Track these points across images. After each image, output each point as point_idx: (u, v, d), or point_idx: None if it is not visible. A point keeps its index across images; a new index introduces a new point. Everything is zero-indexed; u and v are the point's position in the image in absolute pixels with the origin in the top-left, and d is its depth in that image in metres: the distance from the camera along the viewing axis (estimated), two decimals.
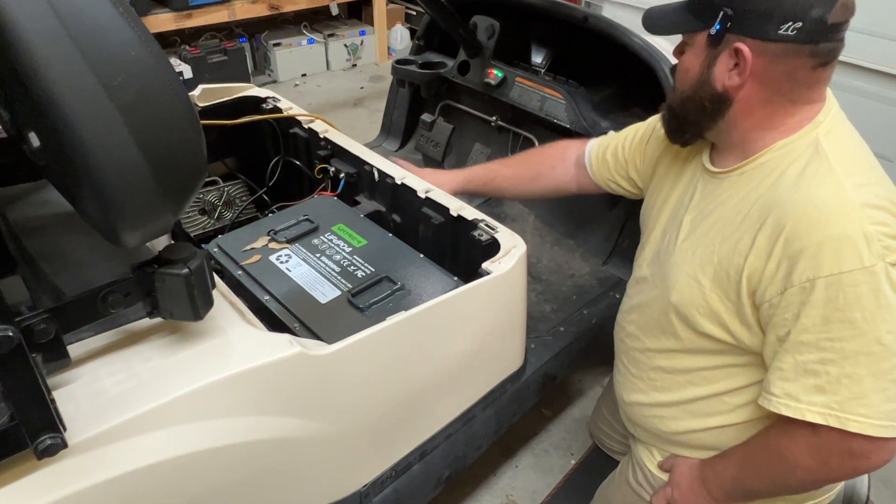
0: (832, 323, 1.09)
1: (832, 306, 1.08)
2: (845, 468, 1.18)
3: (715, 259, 1.25)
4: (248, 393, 1.13)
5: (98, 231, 1.01)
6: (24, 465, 0.91)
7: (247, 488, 1.20)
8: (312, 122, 2.10)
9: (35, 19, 0.79)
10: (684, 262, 1.34)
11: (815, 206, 1.10)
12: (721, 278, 1.24)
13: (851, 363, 1.09)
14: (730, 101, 1.21)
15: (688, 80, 1.25)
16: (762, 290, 1.17)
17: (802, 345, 1.13)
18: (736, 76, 1.18)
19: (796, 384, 1.15)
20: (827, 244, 1.08)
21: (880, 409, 1.09)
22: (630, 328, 1.56)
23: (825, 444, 1.16)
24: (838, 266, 1.07)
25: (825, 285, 1.08)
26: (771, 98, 1.19)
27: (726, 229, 1.25)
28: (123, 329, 1.13)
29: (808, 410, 1.14)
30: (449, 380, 1.55)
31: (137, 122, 0.87)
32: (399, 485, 1.55)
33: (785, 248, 1.12)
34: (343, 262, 1.67)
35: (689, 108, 1.27)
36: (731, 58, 1.17)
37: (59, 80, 0.80)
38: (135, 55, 0.86)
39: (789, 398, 1.16)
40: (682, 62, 1.27)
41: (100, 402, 1.00)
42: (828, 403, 1.12)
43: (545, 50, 2.53)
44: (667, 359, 1.44)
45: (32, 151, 1.01)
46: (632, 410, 1.58)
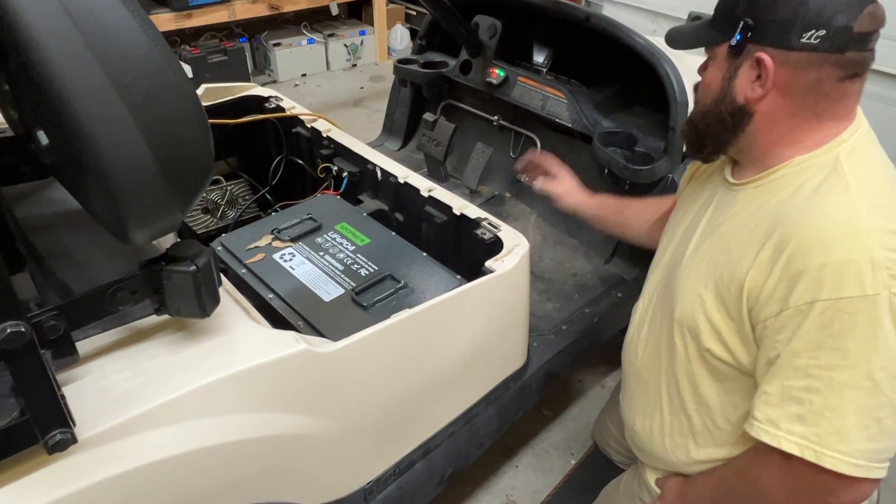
0: (824, 350, 1.05)
1: (826, 332, 1.04)
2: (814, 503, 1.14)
3: (717, 273, 1.22)
4: (255, 390, 1.14)
5: (106, 228, 1.02)
6: (34, 461, 0.91)
7: (252, 485, 1.21)
8: (315, 122, 2.11)
9: (47, 18, 0.79)
10: (689, 275, 1.30)
11: (823, 226, 1.06)
12: (723, 294, 1.20)
13: (837, 396, 1.05)
14: (751, 115, 1.18)
15: (709, 94, 1.23)
16: (759, 308, 1.13)
17: (791, 369, 1.09)
18: (758, 87, 1.14)
19: (779, 410, 1.11)
20: (829, 267, 1.03)
21: (859, 447, 1.05)
22: (638, 347, 1.52)
23: (797, 476, 1.12)
24: (838, 291, 1.02)
25: (822, 309, 1.04)
26: (795, 111, 1.15)
27: (732, 243, 1.21)
28: (130, 326, 1.14)
29: (785, 439, 1.10)
30: (452, 378, 1.56)
31: (147, 120, 0.88)
32: (402, 482, 1.56)
33: (786, 267, 1.08)
34: (346, 260, 1.67)
35: (710, 121, 1.24)
36: (753, 69, 1.14)
37: (71, 79, 0.81)
38: (145, 54, 0.87)
39: (770, 424, 1.12)
40: (705, 77, 1.25)
41: (108, 399, 1.01)
42: (807, 435, 1.08)
43: (547, 49, 2.54)
44: (672, 382, 1.40)
45: (41, 150, 1.02)
46: (637, 437, 1.55)
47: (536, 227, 2.47)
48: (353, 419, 1.35)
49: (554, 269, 2.30)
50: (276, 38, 5.24)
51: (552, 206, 2.49)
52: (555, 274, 2.28)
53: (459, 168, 2.75)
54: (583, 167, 2.36)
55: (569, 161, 2.38)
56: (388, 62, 5.73)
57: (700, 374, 1.31)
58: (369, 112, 4.85)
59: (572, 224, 2.45)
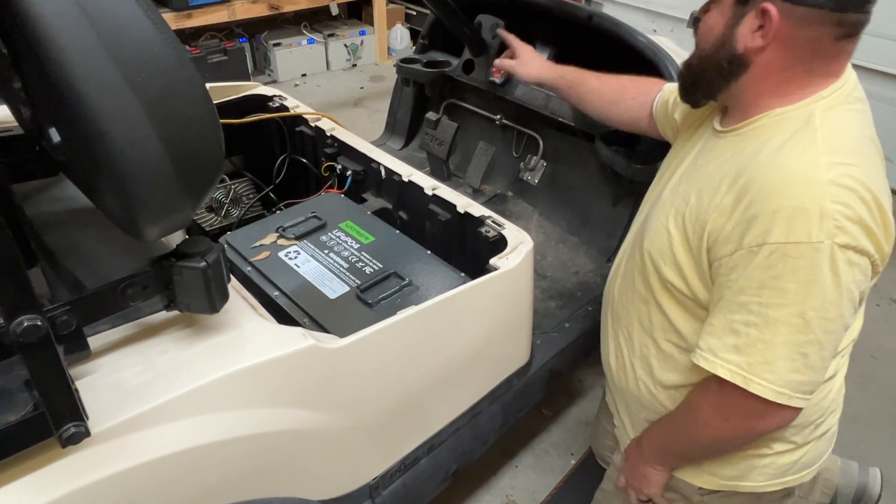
0: (765, 289, 1.11)
1: (770, 273, 1.10)
2: (742, 427, 1.23)
3: (686, 211, 1.26)
4: (263, 385, 1.15)
5: (118, 225, 1.03)
6: (48, 454, 0.92)
7: (260, 479, 1.22)
8: (319, 120, 2.12)
9: (64, 17, 0.80)
10: (662, 211, 1.35)
11: (783, 175, 1.10)
12: (687, 231, 1.25)
13: (771, 330, 1.12)
14: (747, 64, 1.19)
15: (710, 38, 1.23)
16: (717, 248, 1.18)
17: (735, 304, 1.15)
18: (759, 38, 1.15)
19: (719, 341, 1.18)
20: (782, 213, 1.08)
21: (784, 377, 1.13)
22: (615, 283, 1.56)
23: (729, 401, 1.20)
24: (785, 236, 1.07)
25: (769, 252, 1.09)
26: (789, 65, 1.17)
27: (704, 185, 1.25)
28: (140, 322, 1.15)
29: (720, 366, 1.17)
30: (457, 374, 1.57)
31: (160, 117, 0.89)
32: (407, 478, 1.57)
33: (745, 210, 1.12)
34: (351, 258, 1.68)
35: (707, 66, 1.25)
36: (757, 18, 1.14)
37: (87, 76, 0.82)
38: (158, 52, 0.88)
39: (710, 352, 1.19)
40: (707, 21, 1.25)
41: (119, 393, 1.02)
42: (739, 363, 1.15)
43: (549, 48, 2.53)
44: (642, 309, 1.44)
45: (53, 147, 1.03)
46: (612, 376, 1.59)
47: (539, 226, 2.48)
48: (360, 415, 1.36)
49: (556, 268, 2.31)
50: (276, 38, 5.24)
51: (555, 205, 2.51)
52: (557, 272, 2.29)
53: (462, 167, 2.76)
54: (586, 165, 2.38)
55: (572, 159, 2.41)
56: (388, 62, 5.73)
57: (664, 301, 1.36)
58: (369, 112, 4.86)
59: (574, 223, 2.46)
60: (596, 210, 2.41)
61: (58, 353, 0.84)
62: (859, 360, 2.79)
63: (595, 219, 2.41)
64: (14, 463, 0.90)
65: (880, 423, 2.51)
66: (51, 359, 0.83)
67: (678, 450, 1.40)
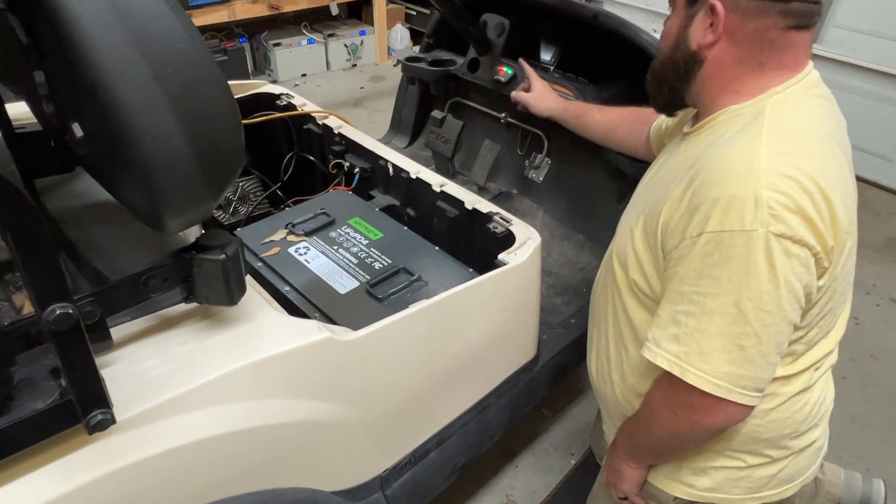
0: (703, 278, 1.12)
1: (707, 262, 1.11)
2: (689, 422, 1.22)
3: (648, 210, 1.28)
4: (279, 376, 1.17)
5: (140, 217, 1.05)
6: (75, 440, 0.94)
7: (275, 470, 1.23)
8: (326, 118, 2.14)
9: (94, 14, 0.82)
10: (628, 214, 1.39)
11: (724, 165, 1.11)
12: (647, 228, 1.27)
13: (707, 320, 1.12)
14: (702, 62, 1.22)
15: (667, 41, 1.27)
16: (666, 240, 1.20)
17: (677, 294, 1.16)
18: (710, 34, 1.18)
19: (663, 331, 1.19)
20: (719, 202, 1.08)
21: (720, 369, 1.12)
22: (596, 289, 1.57)
23: (672, 393, 1.21)
24: (721, 224, 1.08)
25: (706, 241, 1.10)
26: (741, 59, 1.19)
27: (661, 184, 1.28)
28: (159, 314, 1.16)
29: (661, 356, 1.18)
30: (466, 368, 1.59)
31: (185, 112, 0.90)
32: (417, 471, 1.59)
33: (689, 201, 1.14)
34: (360, 254, 1.70)
35: (668, 69, 1.28)
36: (707, 16, 1.18)
37: (116, 71, 0.84)
38: (184, 47, 0.90)
39: (654, 343, 1.20)
40: (665, 26, 1.29)
41: (141, 383, 1.04)
42: (677, 353, 1.16)
43: (554, 47, 2.56)
44: (613, 314, 1.45)
45: (75, 141, 1.05)
46: (594, 383, 1.59)
47: (544, 223, 2.50)
48: (372, 407, 1.38)
49: (562, 264, 2.33)
50: (276, 38, 5.26)
51: (560, 203, 2.52)
52: (563, 269, 2.31)
53: (467, 165, 2.78)
54: (590, 164, 2.39)
55: (576, 158, 2.42)
56: (388, 62, 5.75)
57: (630, 306, 1.37)
58: (369, 112, 4.88)
59: (579, 220, 2.48)
60: (600, 208, 2.42)
61: (87, 342, 0.86)
62: (859, 360, 2.81)
63: (600, 216, 2.43)
64: (42, 449, 0.92)
65: (880, 423, 2.53)
66: (81, 347, 0.85)
67: (642, 444, 1.40)
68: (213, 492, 1.13)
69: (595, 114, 2.02)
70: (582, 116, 2.05)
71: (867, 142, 3.85)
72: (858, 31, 3.71)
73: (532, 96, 2.20)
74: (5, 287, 1.11)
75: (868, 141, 3.85)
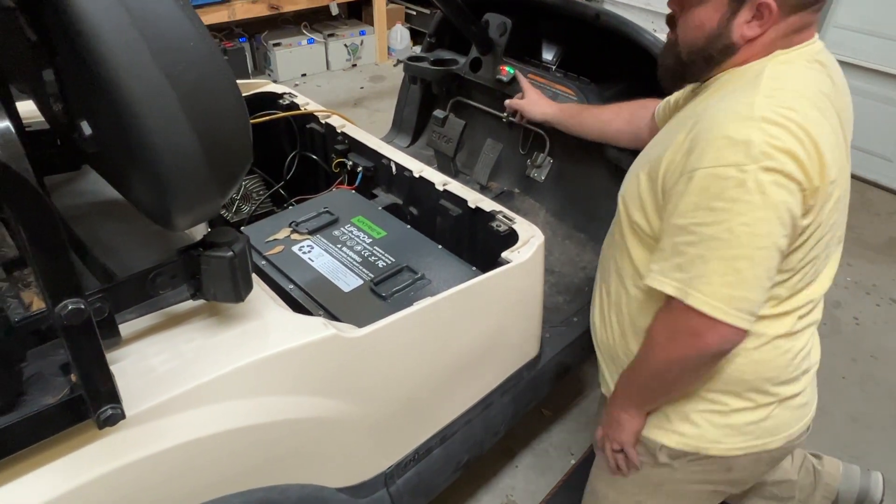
0: (700, 210, 1.18)
1: (704, 195, 1.17)
2: (686, 346, 1.26)
3: (653, 157, 1.34)
4: (286, 373, 1.17)
5: (148, 215, 1.06)
6: (85, 435, 0.95)
7: (282, 466, 1.24)
8: (329, 118, 2.15)
9: (106, 11, 0.83)
10: (637, 162, 1.44)
11: (724, 111, 1.19)
12: (652, 175, 1.32)
13: (705, 246, 1.18)
14: (738, 49, 1.28)
15: (702, 33, 1.30)
16: (667, 180, 1.27)
17: (677, 227, 1.22)
18: (757, 27, 1.24)
19: (667, 262, 1.25)
20: (716, 141, 1.16)
21: (719, 292, 1.18)
22: (605, 241, 1.62)
23: (674, 318, 1.26)
24: (716, 160, 1.15)
25: (703, 176, 1.17)
26: (774, 42, 1.26)
27: (669, 133, 1.35)
28: (165, 312, 1.17)
29: (667, 284, 1.24)
30: (470, 366, 1.60)
31: (194, 109, 0.91)
32: (421, 468, 1.60)
33: (690, 143, 1.21)
34: (364, 252, 1.71)
35: (698, 58, 1.33)
36: (751, 9, 1.23)
37: (126, 69, 0.85)
38: (194, 46, 0.90)
39: (659, 273, 1.26)
40: (695, 16, 1.30)
41: (149, 379, 1.04)
42: (681, 279, 1.21)
43: (556, 47, 2.57)
44: (615, 258, 1.51)
45: (84, 139, 1.05)
46: (596, 333, 1.62)
47: (546, 223, 2.51)
48: (377, 404, 1.38)
49: (564, 263, 2.34)
50: (276, 38, 5.26)
51: (562, 202, 2.53)
52: (565, 267, 2.32)
53: (469, 164, 2.78)
54: (592, 163, 2.40)
55: (578, 157, 2.43)
56: (388, 62, 5.76)
57: (631, 243, 1.43)
58: (369, 112, 4.88)
59: (581, 219, 2.48)
60: (602, 206, 2.42)
61: (98, 337, 0.86)
62: (859, 360, 2.82)
63: (602, 215, 2.43)
64: (53, 444, 0.93)
65: (880, 423, 2.54)
66: (92, 342, 0.86)
67: (640, 383, 1.43)
68: (220, 487, 1.14)
69: (592, 108, 2.09)
70: (577, 115, 2.11)
71: (867, 142, 3.86)
72: (858, 31, 3.71)
73: (525, 103, 2.27)
74: (13, 284, 1.11)
75: (868, 141, 3.86)
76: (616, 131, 2.00)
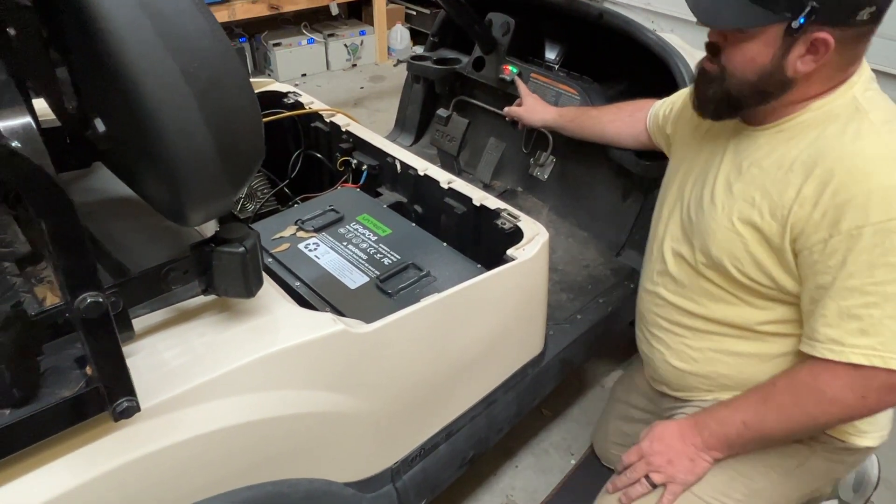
0: (877, 268, 1.15)
1: (878, 252, 1.14)
2: (884, 401, 1.25)
3: (756, 212, 1.30)
4: (296, 368, 1.18)
5: (161, 210, 1.07)
6: (100, 427, 0.96)
7: (291, 460, 1.26)
8: (334, 116, 2.16)
9: (123, 9, 0.84)
10: (723, 215, 1.38)
11: (863, 158, 1.16)
12: (764, 229, 1.29)
13: (893, 305, 1.16)
14: (793, 83, 1.25)
15: (754, 68, 1.26)
16: (805, 237, 1.23)
17: (847, 290, 1.18)
18: (812, 62, 1.21)
19: (839, 329, 1.21)
20: (875, 193, 1.13)
21: None
22: (661, 291, 1.61)
23: (867, 381, 1.22)
24: (886, 213, 1.13)
25: (872, 232, 1.14)
26: (832, 76, 1.24)
27: (767, 183, 1.30)
28: (177, 307, 1.18)
29: (852, 353, 1.20)
30: (475, 362, 1.61)
31: (209, 106, 0.92)
32: (427, 463, 1.61)
33: (833, 197, 1.17)
34: (370, 250, 1.72)
35: (749, 92, 1.29)
36: (805, 45, 1.20)
37: (143, 66, 0.86)
38: (209, 43, 0.91)
39: (833, 343, 1.22)
40: (744, 51, 1.26)
41: (162, 373, 1.05)
42: (872, 345, 1.18)
43: (559, 46, 2.58)
44: (708, 308, 1.49)
45: (97, 137, 1.07)
46: (676, 375, 1.62)
47: (548, 221, 2.52)
48: (384, 399, 1.39)
49: (567, 261, 2.35)
50: (276, 38, 5.27)
51: (565, 200, 2.54)
52: (568, 265, 2.33)
53: (472, 163, 2.79)
54: (595, 162, 2.41)
55: (581, 156, 2.44)
56: (388, 62, 5.76)
57: (743, 295, 1.42)
58: (370, 112, 4.89)
59: (584, 217, 2.50)
60: (605, 205, 2.44)
61: (115, 330, 0.87)
62: None
63: (604, 214, 2.45)
64: (69, 436, 0.94)
65: None
66: (110, 335, 0.87)
67: (775, 432, 1.38)
68: (232, 481, 1.15)
69: (591, 110, 2.11)
70: (576, 119, 2.14)
71: None
72: None
73: (523, 110, 2.31)
74: (26, 280, 1.13)
75: None
76: (615, 133, 2.02)
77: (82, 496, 0.93)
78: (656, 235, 1.67)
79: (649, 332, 1.70)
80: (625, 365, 2.68)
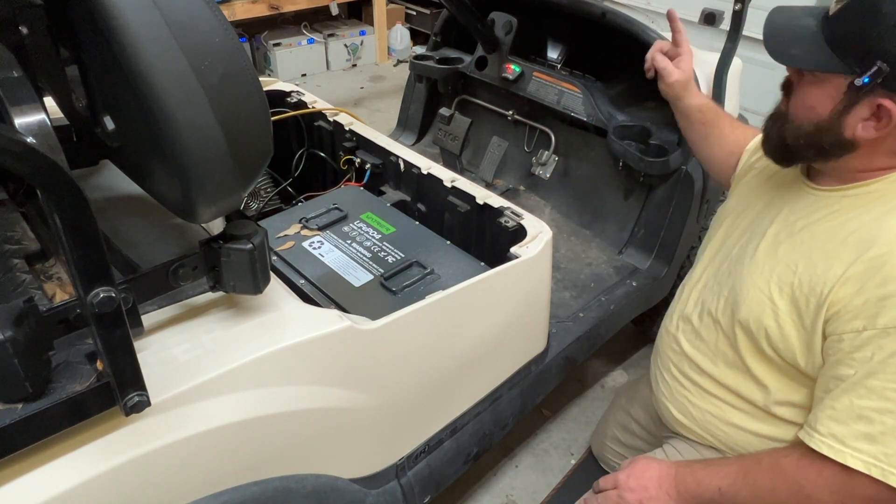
0: None
1: None
2: None
3: (796, 280, 1.20)
4: (302, 364, 1.19)
5: (171, 207, 1.08)
6: (111, 422, 0.97)
7: (297, 456, 1.26)
8: (337, 115, 2.17)
9: (137, 7, 0.85)
10: (760, 276, 1.28)
11: None
12: (798, 302, 1.19)
13: None
14: (854, 146, 1.14)
15: (811, 117, 1.17)
16: (839, 322, 1.12)
17: (865, 388, 1.08)
18: (873, 129, 1.10)
19: (846, 428, 1.11)
20: None
21: None
22: (682, 338, 1.52)
23: (853, 489, 1.12)
24: None
25: None
26: None
27: (815, 251, 1.19)
28: (185, 303, 1.19)
29: (851, 455, 1.10)
30: (479, 359, 1.61)
31: (220, 103, 0.93)
32: (432, 459, 1.62)
33: (879, 287, 1.07)
34: (373, 248, 1.73)
35: (805, 143, 1.19)
36: (869, 108, 1.09)
37: (157, 64, 0.86)
38: (220, 41, 0.92)
39: (834, 439, 1.12)
40: (808, 95, 1.17)
41: (171, 368, 1.06)
42: (875, 454, 1.07)
43: (561, 45, 2.59)
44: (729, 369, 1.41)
45: (107, 134, 1.07)
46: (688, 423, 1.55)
47: (551, 220, 2.52)
48: (389, 395, 1.40)
49: (569, 259, 2.36)
50: (276, 38, 5.28)
51: (567, 199, 2.54)
52: (570, 263, 2.34)
53: (474, 162, 2.81)
54: (597, 160, 2.42)
55: (583, 154, 2.45)
56: (388, 62, 5.77)
57: (755, 367, 1.33)
58: (370, 112, 4.89)
59: (586, 216, 2.51)
60: (608, 204, 2.45)
61: (126, 325, 0.88)
62: None
63: (607, 212, 2.46)
64: (81, 430, 0.94)
65: None
66: (122, 330, 0.88)
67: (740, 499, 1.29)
68: (240, 475, 1.16)
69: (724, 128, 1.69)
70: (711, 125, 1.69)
71: None
72: None
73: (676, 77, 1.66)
74: (36, 277, 1.13)
75: None
76: (717, 160, 1.72)
77: (94, 490, 0.94)
78: (692, 276, 1.57)
79: (659, 370, 1.63)
80: (625, 365, 2.70)
